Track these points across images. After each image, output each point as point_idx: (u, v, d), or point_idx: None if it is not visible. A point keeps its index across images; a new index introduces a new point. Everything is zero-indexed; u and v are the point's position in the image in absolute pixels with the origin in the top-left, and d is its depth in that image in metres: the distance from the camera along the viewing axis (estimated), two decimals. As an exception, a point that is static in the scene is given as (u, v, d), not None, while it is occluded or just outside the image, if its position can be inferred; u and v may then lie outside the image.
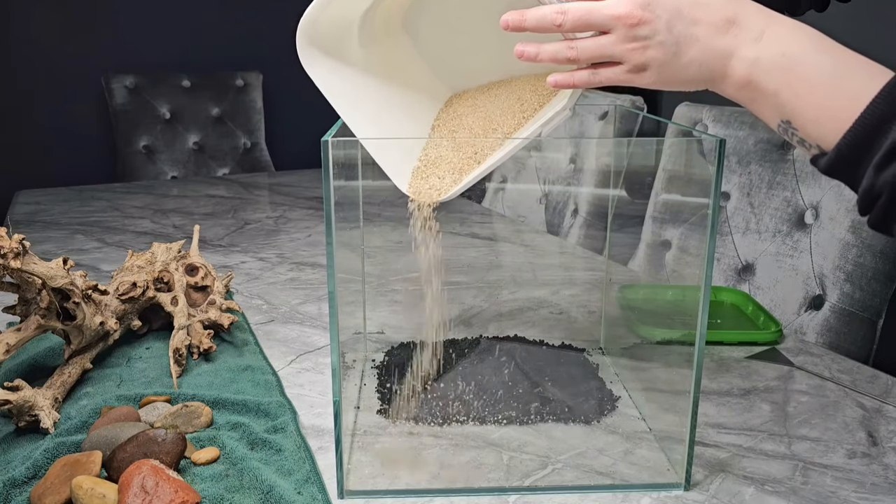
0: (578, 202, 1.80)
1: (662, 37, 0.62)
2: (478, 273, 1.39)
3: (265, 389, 0.91)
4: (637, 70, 0.64)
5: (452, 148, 0.78)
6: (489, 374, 0.93)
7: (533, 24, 0.65)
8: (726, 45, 0.62)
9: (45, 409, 0.82)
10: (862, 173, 0.58)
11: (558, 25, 0.64)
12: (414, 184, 0.77)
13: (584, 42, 0.64)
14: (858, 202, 0.59)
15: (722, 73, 0.63)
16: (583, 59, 0.65)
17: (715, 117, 1.50)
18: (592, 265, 1.45)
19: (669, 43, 0.62)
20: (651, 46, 0.62)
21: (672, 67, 0.63)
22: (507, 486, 0.75)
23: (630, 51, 0.63)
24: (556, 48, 0.65)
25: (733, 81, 0.63)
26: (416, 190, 0.76)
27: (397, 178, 0.77)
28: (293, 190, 2.05)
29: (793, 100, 0.60)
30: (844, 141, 0.57)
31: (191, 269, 1.10)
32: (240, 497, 0.71)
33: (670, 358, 0.85)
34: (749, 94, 0.63)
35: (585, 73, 0.66)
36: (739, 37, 0.62)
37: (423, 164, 0.78)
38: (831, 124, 0.58)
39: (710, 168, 0.69)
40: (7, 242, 0.79)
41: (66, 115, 2.83)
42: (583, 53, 0.65)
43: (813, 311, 1.30)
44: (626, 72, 0.64)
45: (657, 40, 0.62)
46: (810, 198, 1.34)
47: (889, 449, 0.82)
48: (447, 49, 0.89)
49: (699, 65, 0.63)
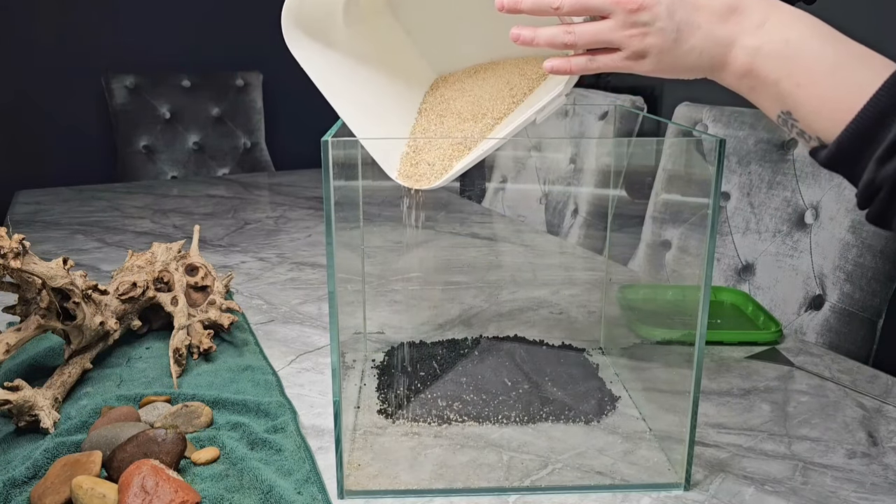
0: (578, 202, 1.80)
1: (663, 23, 0.61)
2: (478, 273, 1.39)
3: (265, 389, 0.91)
4: (636, 57, 0.63)
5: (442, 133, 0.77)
6: (489, 374, 0.93)
7: (529, 5, 0.63)
8: (727, 33, 0.61)
9: (45, 409, 0.82)
10: (862, 167, 0.57)
11: (556, 8, 0.62)
12: (403, 169, 0.75)
13: (583, 27, 0.63)
14: (858, 196, 0.59)
15: (722, 61, 0.62)
16: (580, 45, 0.64)
17: (715, 117, 1.50)
18: (592, 265, 1.45)
19: (670, 30, 0.61)
20: (651, 33, 0.61)
21: (672, 55, 0.62)
22: (507, 486, 0.75)
23: (629, 37, 0.62)
24: (552, 32, 0.64)
25: (734, 70, 0.62)
26: (406, 175, 0.75)
27: (385, 162, 0.75)
28: (293, 190, 2.05)
29: (794, 90, 0.59)
30: (845, 133, 0.57)
31: (191, 269, 1.10)
32: (240, 497, 0.71)
33: (670, 358, 0.85)
34: (749, 84, 0.62)
35: (583, 58, 0.65)
36: (741, 25, 0.61)
37: (412, 150, 0.77)
38: (832, 116, 0.57)
39: (710, 168, 0.68)
40: (7, 242, 0.79)
41: (66, 115, 2.83)
42: (581, 39, 0.63)
43: (813, 311, 1.30)
44: (625, 58, 0.63)
45: (657, 27, 0.61)
46: (810, 198, 1.34)
47: (889, 449, 0.82)
48: (433, 30, 0.87)
49: (699, 52, 0.62)
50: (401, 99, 0.83)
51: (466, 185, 1.81)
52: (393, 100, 0.83)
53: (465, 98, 0.82)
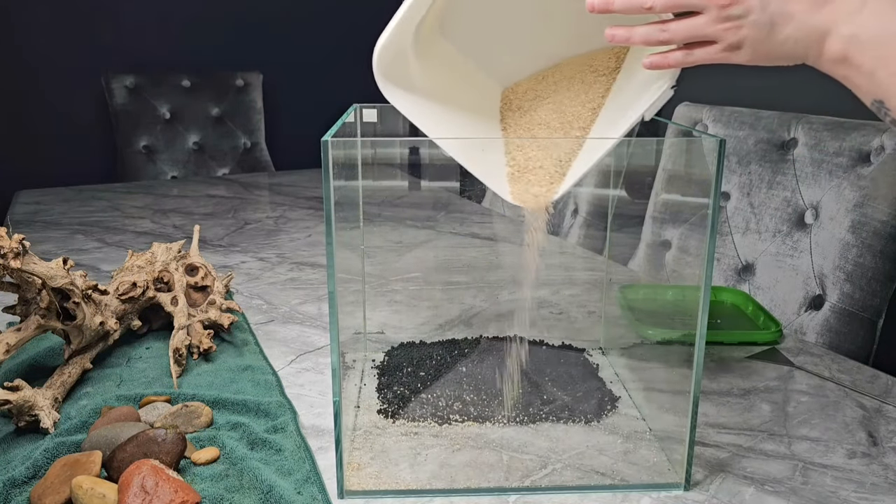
0: (578, 202, 1.80)
1: (756, 16, 0.61)
2: (478, 273, 1.39)
3: (265, 389, 0.91)
4: (732, 49, 0.63)
5: (540, 148, 0.77)
6: (489, 374, 0.93)
7: (621, 5, 0.64)
8: (822, 21, 0.61)
9: (45, 409, 0.82)
10: None
11: (648, 7, 0.63)
12: (515, 191, 0.75)
13: (677, 24, 0.64)
14: None
15: (818, 49, 0.62)
16: (675, 41, 0.65)
17: (715, 117, 1.50)
18: (592, 265, 1.45)
19: (764, 21, 0.61)
20: (745, 26, 0.62)
21: (767, 45, 0.62)
22: (507, 486, 0.75)
23: (724, 30, 0.62)
24: (648, 31, 0.65)
25: (829, 58, 0.62)
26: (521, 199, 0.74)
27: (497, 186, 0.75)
28: (293, 190, 2.05)
29: (888, 79, 0.59)
30: None
31: (191, 269, 1.10)
32: (240, 497, 0.71)
33: (670, 358, 0.85)
34: (844, 71, 0.62)
35: (680, 53, 0.66)
36: (836, 12, 0.61)
37: (515, 171, 0.76)
38: None
39: (710, 168, 0.68)
40: (7, 242, 0.79)
41: (66, 115, 2.83)
42: (675, 35, 0.64)
43: (813, 311, 1.30)
44: (721, 50, 0.64)
45: (751, 19, 0.61)
46: (810, 198, 1.34)
47: (889, 449, 0.82)
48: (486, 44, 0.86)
49: (795, 42, 0.62)
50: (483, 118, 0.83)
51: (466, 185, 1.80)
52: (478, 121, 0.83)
53: (546, 106, 0.81)
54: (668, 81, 0.69)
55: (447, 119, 0.79)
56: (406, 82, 0.76)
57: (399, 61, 0.75)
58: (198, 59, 2.95)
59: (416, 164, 0.87)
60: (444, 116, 0.79)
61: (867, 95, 0.62)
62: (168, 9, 2.92)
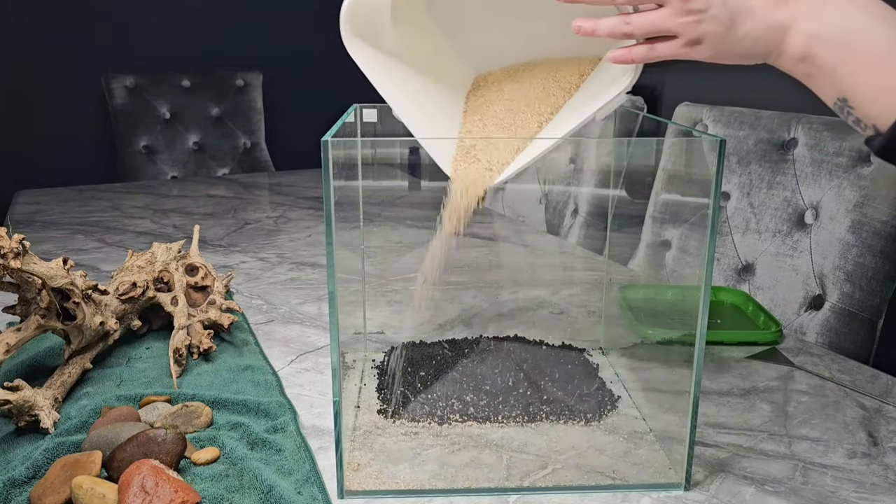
0: (578, 202, 1.80)
1: (716, 10, 0.61)
2: (478, 273, 1.39)
3: (265, 389, 0.91)
4: (692, 44, 0.64)
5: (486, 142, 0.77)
6: (489, 374, 0.93)
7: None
8: (783, 18, 0.61)
9: (45, 409, 0.82)
10: None
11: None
12: (457, 168, 0.75)
13: (639, 17, 0.64)
14: None
15: (778, 47, 0.62)
16: (638, 34, 0.65)
17: (715, 117, 1.50)
18: (592, 265, 1.45)
19: (723, 17, 0.61)
20: (705, 20, 0.62)
21: (727, 41, 0.62)
22: (507, 486, 0.75)
23: (684, 24, 0.62)
24: (612, 23, 0.66)
25: (790, 56, 0.61)
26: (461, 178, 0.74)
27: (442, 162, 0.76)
28: (293, 190, 2.05)
29: (850, 77, 0.58)
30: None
31: (191, 269, 1.10)
32: (240, 497, 0.71)
33: (670, 358, 0.85)
34: (806, 70, 0.61)
35: (643, 48, 0.66)
36: (797, 9, 0.60)
37: (462, 153, 0.77)
38: (890, 104, 0.56)
39: (710, 168, 0.69)
40: (7, 242, 0.79)
41: (66, 115, 2.83)
42: (638, 28, 0.64)
43: (813, 311, 1.30)
44: (682, 45, 0.64)
45: (711, 14, 0.61)
46: (810, 198, 1.34)
47: (889, 449, 0.82)
48: (469, 29, 0.87)
49: (754, 39, 0.62)
50: (446, 98, 0.84)
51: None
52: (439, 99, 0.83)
53: (503, 102, 0.82)
54: (623, 85, 0.70)
55: (409, 83, 0.80)
56: (374, 38, 0.76)
57: (374, 18, 0.75)
58: (198, 59, 2.96)
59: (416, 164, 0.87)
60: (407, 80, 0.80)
61: (829, 94, 0.61)
62: (168, 9, 2.92)
